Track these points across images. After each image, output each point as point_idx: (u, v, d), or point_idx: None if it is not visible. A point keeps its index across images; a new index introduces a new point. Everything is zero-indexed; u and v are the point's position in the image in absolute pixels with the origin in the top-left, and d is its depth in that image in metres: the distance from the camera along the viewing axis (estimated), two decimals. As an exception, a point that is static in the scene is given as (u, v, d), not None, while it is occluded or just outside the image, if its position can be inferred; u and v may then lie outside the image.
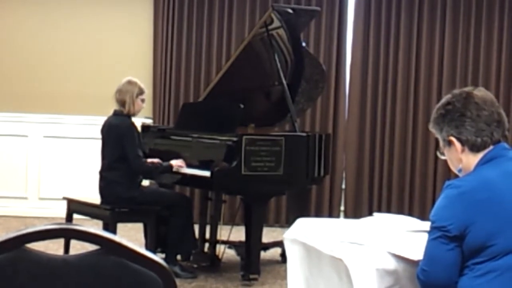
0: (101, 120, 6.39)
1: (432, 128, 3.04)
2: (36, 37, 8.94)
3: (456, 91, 3.02)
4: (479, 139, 2.89)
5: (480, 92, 2.97)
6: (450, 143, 2.95)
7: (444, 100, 2.99)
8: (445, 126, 2.95)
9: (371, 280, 3.03)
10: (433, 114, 3.03)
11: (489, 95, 2.98)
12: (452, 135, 2.93)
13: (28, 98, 8.89)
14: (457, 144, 2.92)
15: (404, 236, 3.33)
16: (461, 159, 2.93)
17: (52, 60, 8.94)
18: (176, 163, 6.23)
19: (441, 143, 3.02)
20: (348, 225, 3.64)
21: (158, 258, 1.75)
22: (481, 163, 2.89)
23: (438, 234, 2.82)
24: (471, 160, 2.91)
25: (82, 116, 8.82)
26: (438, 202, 2.88)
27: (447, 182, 2.90)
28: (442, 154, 3.04)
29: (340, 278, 3.14)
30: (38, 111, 8.87)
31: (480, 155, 2.90)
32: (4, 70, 8.91)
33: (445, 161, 3.11)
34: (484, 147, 2.90)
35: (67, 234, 1.73)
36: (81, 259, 1.73)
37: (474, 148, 2.91)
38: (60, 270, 1.71)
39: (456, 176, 3.04)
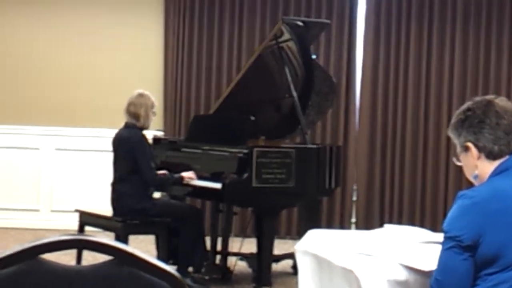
0: (112, 132, 6.42)
1: (450, 132, 3.04)
2: (48, 50, 8.99)
3: (478, 98, 3.03)
4: (496, 147, 2.90)
5: (502, 101, 2.98)
6: (467, 149, 2.95)
7: (465, 106, 3.00)
8: (464, 132, 2.95)
9: (382, 291, 3.04)
10: (453, 119, 3.02)
11: (510, 105, 2.99)
12: (469, 141, 2.93)
13: (39, 111, 8.94)
14: (474, 151, 2.93)
15: (415, 247, 3.34)
16: (477, 166, 2.94)
17: (63, 73, 8.98)
18: (187, 175, 6.25)
19: (458, 149, 3.02)
20: (359, 237, 3.65)
21: (171, 268, 1.77)
22: (495, 173, 2.90)
23: (451, 244, 2.82)
24: (487, 167, 2.92)
25: (94, 128, 8.86)
26: (451, 212, 2.88)
27: (460, 193, 2.91)
28: (458, 160, 3.05)
29: (351, 289, 3.15)
30: (50, 124, 8.91)
31: (496, 163, 2.91)
32: (16, 83, 8.96)
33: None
34: (501, 156, 2.91)
35: (81, 245, 1.75)
36: (95, 270, 1.75)
37: (491, 156, 2.91)
38: (74, 281, 1.73)
39: (469, 186, 3.04)
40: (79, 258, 5.93)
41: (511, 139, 2.91)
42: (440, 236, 3.01)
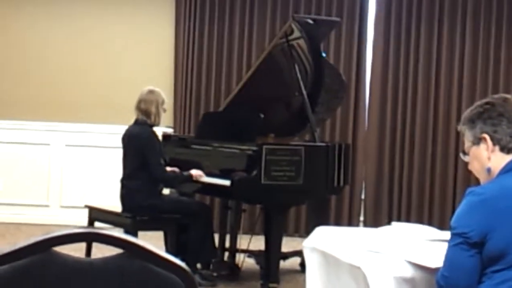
0: (122, 129, 6.46)
1: (463, 125, 3.05)
2: (59, 47, 9.03)
3: (495, 95, 3.09)
4: None
5: None
6: (481, 140, 2.97)
7: (482, 101, 3.05)
8: (480, 123, 2.98)
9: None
10: (468, 112, 3.05)
11: None
12: (486, 132, 2.96)
13: (50, 107, 8.99)
14: (489, 142, 2.95)
15: (422, 244, 3.37)
16: (490, 159, 2.96)
17: (74, 69, 9.03)
18: (196, 173, 6.28)
19: (467, 143, 3.04)
20: (366, 234, 3.68)
21: (181, 262, 1.80)
22: (504, 171, 2.92)
23: (459, 241, 2.85)
24: (500, 160, 2.94)
25: (104, 125, 8.90)
26: (459, 209, 2.91)
27: (468, 189, 2.93)
28: (466, 154, 3.07)
29: (358, 286, 3.18)
30: (60, 120, 8.96)
31: (508, 158, 2.93)
32: (28, 79, 9.01)
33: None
34: None
35: (93, 238, 1.78)
36: (106, 262, 1.78)
37: (505, 149, 2.94)
38: (86, 273, 1.76)
39: (478, 183, 3.07)
40: (88, 252, 5.94)
41: None
42: (447, 234, 3.03)
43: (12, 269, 1.73)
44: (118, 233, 1.79)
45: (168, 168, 6.31)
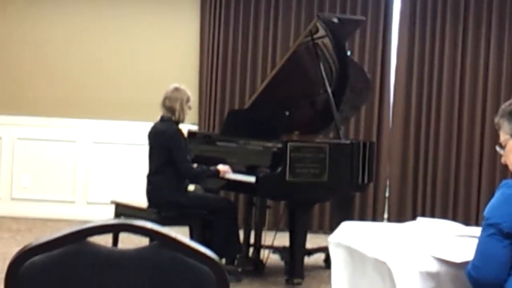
0: (148, 126, 6.50)
1: (502, 117, 3.05)
2: (85, 44, 9.10)
3: None
4: None
5: None
6: None
7: None
8: None
9: (414, 282, 3.08)
10: (507, 106, 3.06)
11: None
12: None
13: (77, 104, 9.06)
14: None
15: (447, 239, 3.39)
16: None
17: (101, 66, 9.10)
18: (223, 168, 6.32)
19: (505, 136, 3.04)
20: (392, 229, 3.70)
21: (211, 253, 1.84)
22: None
23: (492, 231, 2.86)
24: None
25: (130, 122, 8.96)
26: (493, 200, 2.92)
27: (503, 181, 2.95)
28: (502, 148, 3.07)
29: (384, 280, 3.21)
30: (87, 117, 9.03)
31: None
32: (55, 76, 9.08)
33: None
34: None
35: (127, 229, 1.82)
36: (138, 253, 1.83)
37: None
38: (118, 262, 1.81)
39: (503, 179, 3.08)
40: (115, 243, 5.97)
41: None
42: (472, 230, 3.04)
43: (47, 258, 1.78)
44: (151, 224, 1.83)
45: (194, 165, 6.36)
